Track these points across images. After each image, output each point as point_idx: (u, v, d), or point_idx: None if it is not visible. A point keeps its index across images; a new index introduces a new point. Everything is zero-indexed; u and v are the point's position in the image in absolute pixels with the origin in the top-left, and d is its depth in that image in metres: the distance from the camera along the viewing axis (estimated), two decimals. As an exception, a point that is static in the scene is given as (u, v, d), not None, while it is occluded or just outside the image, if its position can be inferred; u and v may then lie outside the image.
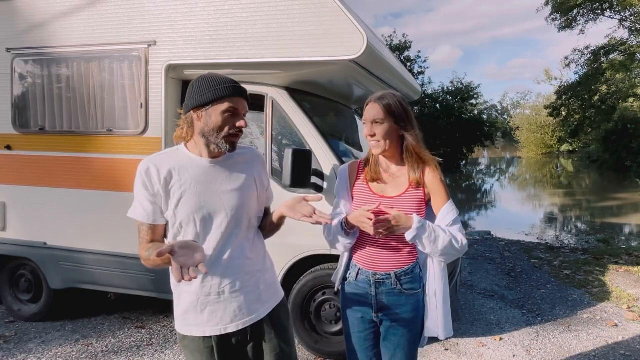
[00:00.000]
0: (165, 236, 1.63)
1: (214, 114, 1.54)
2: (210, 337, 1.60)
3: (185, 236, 1.58)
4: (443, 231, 1.72)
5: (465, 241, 1.75)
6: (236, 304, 1.60)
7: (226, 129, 1.54)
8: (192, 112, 1.57)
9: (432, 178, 1.80)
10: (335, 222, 1.79)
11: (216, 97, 1.52)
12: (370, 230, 1.67)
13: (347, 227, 1.80)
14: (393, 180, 1.83)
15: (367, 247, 1.85)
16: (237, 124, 1.56)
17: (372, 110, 1.79)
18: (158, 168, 1.55)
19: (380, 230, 1.67)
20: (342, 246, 1.88)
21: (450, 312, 1.86)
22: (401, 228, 1.69)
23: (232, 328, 1.61)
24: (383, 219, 1.66)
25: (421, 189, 1.80)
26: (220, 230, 1.58)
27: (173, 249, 1.28)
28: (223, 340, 1.61)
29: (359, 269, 1.87)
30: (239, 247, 1.62)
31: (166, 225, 1.61)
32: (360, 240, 1.87)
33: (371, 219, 1.65)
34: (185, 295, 1.61)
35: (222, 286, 1.58)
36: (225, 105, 1.53)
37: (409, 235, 1.69)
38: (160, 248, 1.26)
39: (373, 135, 1.78)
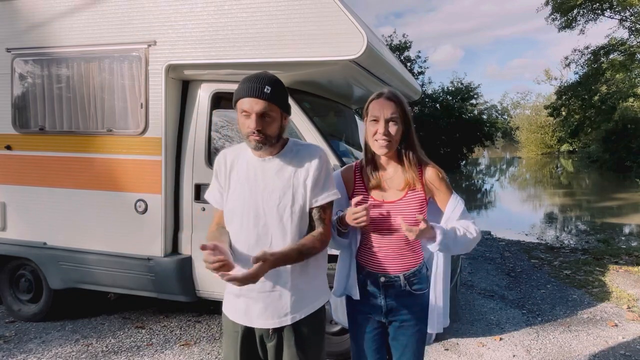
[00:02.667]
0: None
1: (238, 113, 1.61)
2: (239, 324, 1.67)
3: (231, 227, 1.67)
4: (459, 230, 1.72)
5: (478, 229, 1.76)
6: (262, 304, 1.63)
7: (244, 129, 1.59)
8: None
9: (431, 175, 1.78)
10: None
11: (236, 97, 1.59)
12: (362, 221, 1.64)
13: (341, 227, 1.77)
14: (391, 183, 1.80)
15: (375, 250, 1.82)
16: (249, 125, 1.56)
17: (387, 108, 1.72)
18: (226, 159, 1.70)
19: (409, 234, 1.62)
20: (337, 245, 1.86)
21: (449, 307, 1.87)
22: (425, 237, 1.68)
23: (255, 324, 1.65)
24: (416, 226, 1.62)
25: (420, 189, 1.77)
26: (257, 229, 1.61)
27: (215, 247, 1.46)
28: (248, 331, 1.67)
29: (366, 272, 1.84)
30: (272, 248, 1.59)
31: None
32: (368, 243, 1.84)
33: (366, 210, 1.64)
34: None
35: (253, 285, 1.59)
36: (240, 106, 1.58)
37: (433, 248, 1.69)
38: (212, 242, 1.49)
39: (387, 135, 1.71)
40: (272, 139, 1.60)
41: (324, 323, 1.78)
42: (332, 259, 1.98)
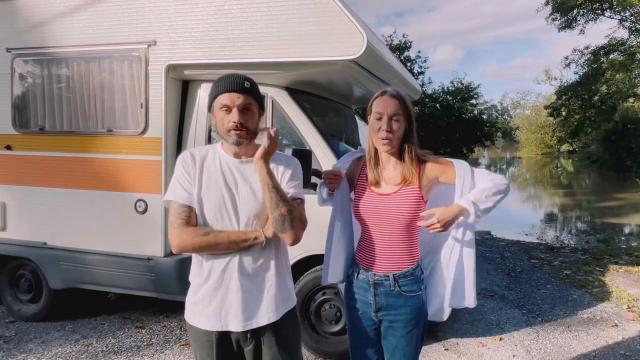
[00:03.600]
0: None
1: (216, 111, 1.60)
2: (212, 331, 1.63)
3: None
4: (484, 191, 1.74)
5: (500, 176, 1.79)
6: (238, 305, 1.61)
7: (225, 123, 1.58)
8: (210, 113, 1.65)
9: (431, 167, 1.81)
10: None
11: (214, 94, 1.59)
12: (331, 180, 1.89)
13: (329, 189, 1.94)
14: (388, 177, 1.83)
15: (368, 248, 1.86)
16: (231, 119, 1.57)
17: (391, 105, 1.74)
18: (195, 158, 1.65)
19: (438, 227, 1.70)
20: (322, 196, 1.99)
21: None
22: (455, 217, 1.72)
23: (231, 327, 1.62)
24: (432, 219, 1.70)
25: (417, 185, 1.78)
26: (233, 230, 1.61)
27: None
28: (223, 337, 1.64)
29: (360, 268, 1.88)
30: (250, 250, 1.62)
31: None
32: (365, 238, 1.88)
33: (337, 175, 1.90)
34: (198, 287, 1.65)
35: (230, 284, 1.61)
36: (219, 102, 1.59)
37: (472, 220, 1.74)
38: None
39: (389, 132, 1.74)
40: (252, 134, 1.63)
41: (299, 321, 1.84)
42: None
